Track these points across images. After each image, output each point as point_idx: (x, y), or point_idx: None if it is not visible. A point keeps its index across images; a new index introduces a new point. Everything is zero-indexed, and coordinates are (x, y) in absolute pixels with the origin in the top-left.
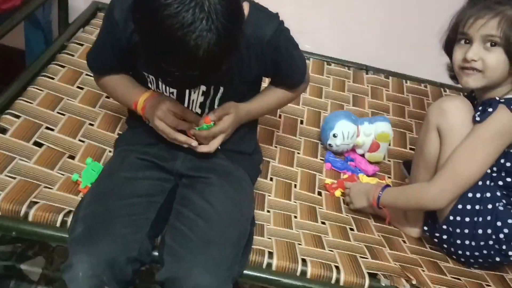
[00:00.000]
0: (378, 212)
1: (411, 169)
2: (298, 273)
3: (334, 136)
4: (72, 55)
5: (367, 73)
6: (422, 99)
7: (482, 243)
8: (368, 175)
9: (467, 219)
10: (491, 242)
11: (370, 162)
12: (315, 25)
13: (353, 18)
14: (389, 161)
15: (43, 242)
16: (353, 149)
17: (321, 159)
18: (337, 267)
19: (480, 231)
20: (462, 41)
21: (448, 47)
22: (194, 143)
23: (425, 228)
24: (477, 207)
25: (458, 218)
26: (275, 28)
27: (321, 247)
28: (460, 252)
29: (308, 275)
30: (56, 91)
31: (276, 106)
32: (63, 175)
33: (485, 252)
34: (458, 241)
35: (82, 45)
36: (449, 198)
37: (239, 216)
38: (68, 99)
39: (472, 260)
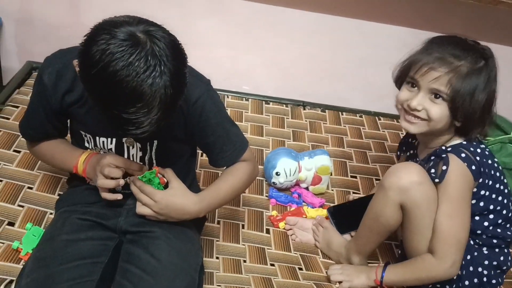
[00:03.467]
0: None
1: (359, 228)
2: None
3: (277, 174)
4: (8, 118)
5: (304, 109)
6: (358, 128)
7: None
8: (314, 207)
9: None
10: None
11: (315, 194)
12: (250, 67)
13: (285, 57)
14: (332, 190)
15: None
16: (297, 184)
17: (266, 196)
18: None
19: (466, 283)
20: (410, 84)
21: (398, 81)
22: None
23: None
24: None
25: None
26: (202, 92)
27: None
28: None
29: None
30: None
31: (233, 187)
32: (3, 243)
33: None
34: None
35: (17, 107)
36: (459, 265)
37: (186, 267)
38: (5, 164)
39: None
